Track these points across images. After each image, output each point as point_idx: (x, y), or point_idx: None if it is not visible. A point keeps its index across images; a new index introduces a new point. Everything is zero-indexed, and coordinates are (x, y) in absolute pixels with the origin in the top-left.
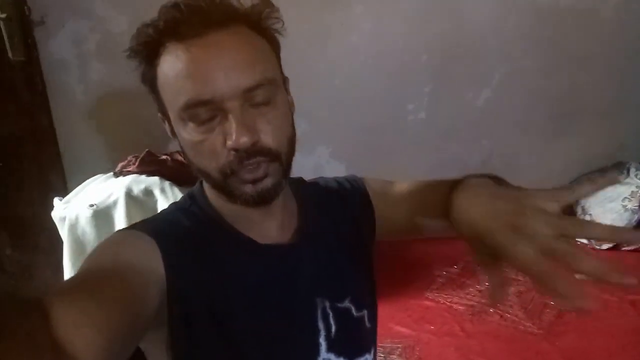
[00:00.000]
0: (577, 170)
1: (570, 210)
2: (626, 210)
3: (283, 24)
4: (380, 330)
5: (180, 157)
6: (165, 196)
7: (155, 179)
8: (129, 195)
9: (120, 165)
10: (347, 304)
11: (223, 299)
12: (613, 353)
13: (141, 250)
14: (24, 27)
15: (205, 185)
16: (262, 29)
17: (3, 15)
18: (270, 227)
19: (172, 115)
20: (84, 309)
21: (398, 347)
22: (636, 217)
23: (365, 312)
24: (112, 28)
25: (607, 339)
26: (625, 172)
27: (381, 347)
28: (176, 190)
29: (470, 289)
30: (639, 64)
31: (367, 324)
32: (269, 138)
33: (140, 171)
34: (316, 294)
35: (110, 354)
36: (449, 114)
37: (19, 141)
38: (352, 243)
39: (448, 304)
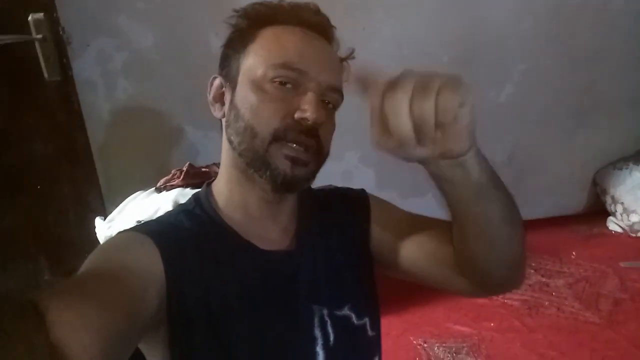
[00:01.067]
0: (600, 162)
1: (598, 200)
2: None
3: (348, 78)
4: (438, 330)
5: (217, 169)
6: None
7: None
8: None
9: (163, 180)
10: (346, 311)
11: (220, 303)
12: None
13: (141, 252)
14: (59, 47)
15: (214, 186)
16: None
17: (39, 36)
18: (272, 231)
19: (250, 72)
20: (81, 311)
21: (464, 347)
22: None
23: (367, 319)
24: (139, 44)
25: None
26: None
27: (446, 347)
28: None
29: None
30: None
31: (370, 332)
32: (324, 134)
33: (185, 184)
34: (314, 301)
35: (108, 355)
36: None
37: (55, 162)
38: (353, 249)
39: (501, 300)
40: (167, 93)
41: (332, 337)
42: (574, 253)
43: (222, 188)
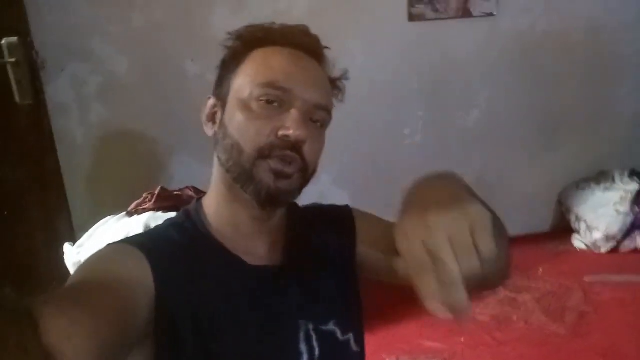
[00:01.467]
0: (565, 181)
1: (564, 219)
2: (619, 214)
3: (343, 99)
4: (410, 347)
5: (190, 192)
6: None
7: (173, 214)
8: None
9: (134, 204)
10: (331, 326)
11: (208, 317)
12: None
13: (131, 263)
14: (32, 71)
15: (204, 201)
16: (335, 86)
17: (12, 60)
18: (260, 247)
19: (238, 92)
20: (75, 319)
21: None
22: (630, 219)
23: (351, 335)
24: (113, 69)
25: (633, 333)
26: (610, 179)
27: None
28: None
29: (488, 300)
30: (610, 81)
31: (354, 348)
32: (309, 150)
33: (157, 207)
34: (299, 316)
35: None
36: (442, 135)
37: (24, 187)
38: (339, 266)
39: (472, 316)
40: (141, 118)
41: (317, 352)
42: (541, 269)
43: (212, 204)
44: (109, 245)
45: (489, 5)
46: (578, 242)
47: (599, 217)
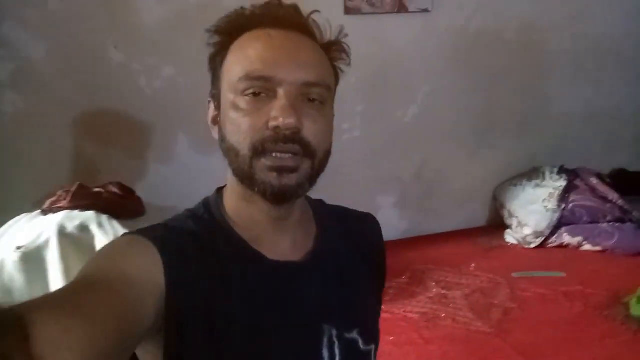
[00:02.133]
0: (499, 178)
1: (498, 214)
2: (547, 210)
3: (350, 62)
4: None
5: (114, 189)
6: (104, 231)
7: (91, 213)
8: (62, 233)
9: (48, 201)
10: (355, 335)
11: (224, 313)
12: (559, 343)
13: (142, 259)
14: None
15: (225, 191)
16: (331, 56)
17: None
18: (282, 243)
19: (227, 90)
20: (67, 327)
21: None
22: (557, 215)
23: (372, 347)
24: (29, 56)
25: (551, 330)
26: (541, 176)
27: None
28: (115, 223)
29: (421, 297)
30: (542, 79)
31: None
32: (310, 134)
33: (73, 206)
34: (323, 320)
35: None
36: (381, 131)
37: None
38: (368, 275)
39: (403, 313)
40: (61, 108)
41: (338, 359)
42: (473, 265)
43: (230, 198)
44: (123, 236)
45: (424, 1)
46: (510, 238)
47: (529, 213)
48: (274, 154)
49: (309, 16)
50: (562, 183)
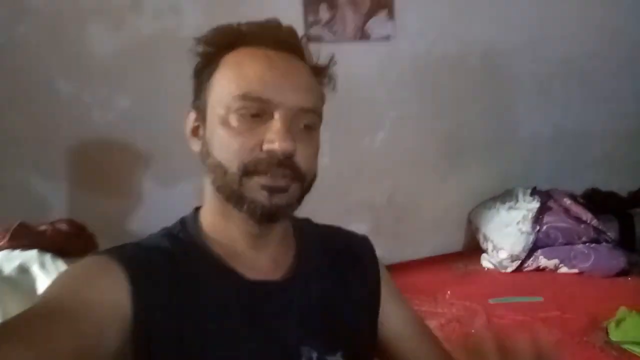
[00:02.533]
0: (472, 202)
1: (474, 239)
2: (522, 233)
3: (334, 87)
4: None
5: (63, 226)
6: (47, 271)
7: (33, 252)
8: None
9: None
10: (338, 358)
11: (196, 335)
12: None
13: (105, 280)
14: None
15: (202, 211)
16: (321, 82)
17: None
18: (261, 260)
19: (216, 105)
20: (7, 355)
21: None
22: (532, 238)
23: None
24: None
25: None
26: (514, 198)
27: None
28: (60, 263)
29: None
30: (508, 102)
31: None
32: (302, 159)
33: (12, 246)
34: (303, 342)
35: None
36: (350, 158)
37: None
38: (358, 295)
39: None
40: (8, 141)
41: None
42: (449, 292)
43: (207, 216)
44: (89, 257)
45: (385, 29)
46: (486, 262)
47: (504, 236)
48: (266, 175)
49: (302, 40)
50: (535, 205)
